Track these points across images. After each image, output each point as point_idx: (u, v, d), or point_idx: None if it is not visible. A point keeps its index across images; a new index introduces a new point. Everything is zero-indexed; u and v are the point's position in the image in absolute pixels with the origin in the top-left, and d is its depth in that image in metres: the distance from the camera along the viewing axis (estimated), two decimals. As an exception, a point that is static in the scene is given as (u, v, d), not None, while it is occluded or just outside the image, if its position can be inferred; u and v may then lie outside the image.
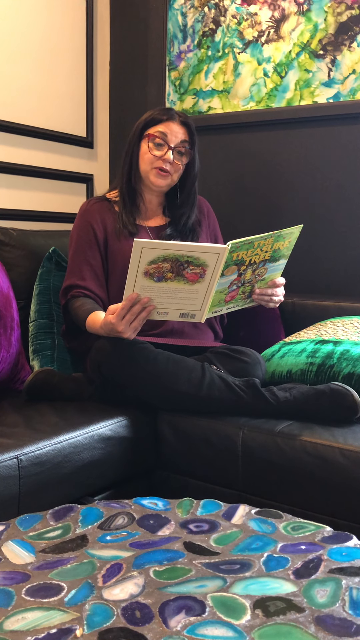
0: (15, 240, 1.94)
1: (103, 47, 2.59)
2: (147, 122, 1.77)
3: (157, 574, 0.82)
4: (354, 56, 2.06)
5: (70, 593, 0.78)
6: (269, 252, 1.52)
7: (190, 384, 1.52)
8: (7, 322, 1.65)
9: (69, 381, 1.68)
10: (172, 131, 1.74)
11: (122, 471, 1.53)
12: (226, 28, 2.32)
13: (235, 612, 0.73)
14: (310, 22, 2.13)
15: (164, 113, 1.76)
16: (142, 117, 1.80)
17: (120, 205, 1.82)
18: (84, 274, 1.75)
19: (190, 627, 0.70)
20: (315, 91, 2.14)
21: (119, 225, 1.78)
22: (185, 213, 1.84)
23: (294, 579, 0.81)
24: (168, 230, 1.83)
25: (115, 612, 0.73)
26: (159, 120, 1.75)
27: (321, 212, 2.18)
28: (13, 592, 0.78)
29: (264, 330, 1.95)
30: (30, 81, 2.26)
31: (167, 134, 1.74)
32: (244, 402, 1.51)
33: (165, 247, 1.36)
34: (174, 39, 2.45)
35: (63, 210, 2.44)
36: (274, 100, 2.24)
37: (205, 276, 1.43)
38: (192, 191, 1.85)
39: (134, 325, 1.47)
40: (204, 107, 2.41)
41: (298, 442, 1.38)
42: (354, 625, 0.71)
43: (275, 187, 2.26)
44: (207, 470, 1.52)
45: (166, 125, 1.75)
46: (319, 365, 1.60)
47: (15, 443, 1.30)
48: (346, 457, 1.31)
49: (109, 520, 0.99)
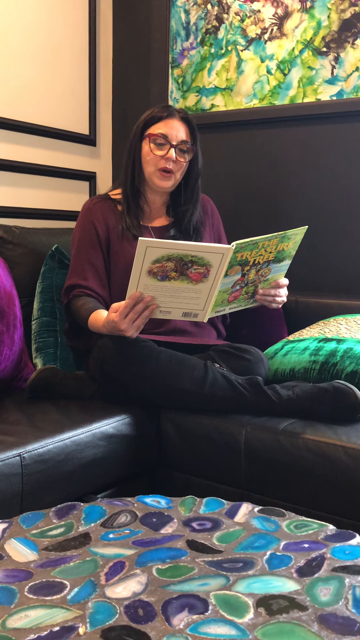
0: (18, 238, 1.94)
1: (106, 45, 2.59)
2: (147, 121, 1.76)
3: (160, 572, 0.82)
4: (357, 53, 2.06)
5: (73, 591, 0.78)
6: (273, 252, 1.52)
7: (193, 382, 1.52)
8: (10, 320, 1.65)
9: (72, 379, 1.68)
10: (172, 129, 1.73)
11: (124, 469, 1.53)
12: (229, 25, 2.31)
13: (238, 610, 0.73)
14: (314, 19, 2.13)
15: (164, 110, 1.75)
16: (141, 116, 1.79)
17: (123, 207, 1.81)
18: (86, 273, 1.75)
19: (193, 626, 0.70)
20: (319, 88, 2.14)
21: (122, 227, 1.78)
22: (189, 210, 1.84)
23: (297, 577, 0.81)
24: (172, 231, 1.82)
25: (118, 610, 0.73)
26: (159, 118, 1.74)
27: (324, 209, 2.17)
28: (16, 589, 0.78)
29: (266, 328, 1.94)
30: (33, 79, 2.26)
31: (168, 133, 1.73)
32: (247, 401, 1.51)
33: (169, 246, 1.36)
34: (176, 36, 2.44)
35: (66, 208, 2.43)
36: (277, 97, 2.23)
37: (209, 276, 1.42)
38: (196, 188, 1.85)
39: (137, 324, 1.47)
40: (207, 105, 2.40)
41: (301, 440, 1.38)
42: (357, 623, 0.71)
43: (279, 185, 2.26)
44: (210, 468, 1.52)
45: (166, 123, 1.74)
46: (322, 364, 1.60)
47: (18, 441, 1.30)
48: (349, 455, 1.31)
49: (112, 518, 0.99)
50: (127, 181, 1.80)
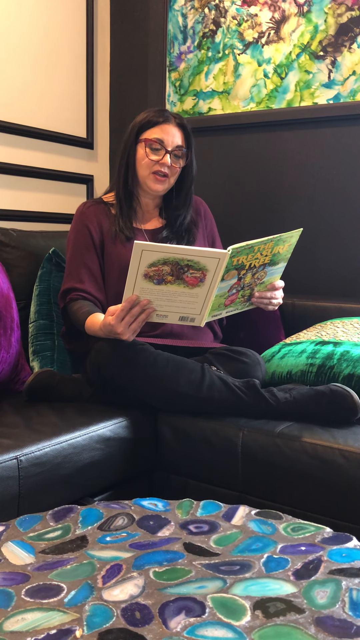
0: (15, 241, 1.94)
1: (103, 48, 2.60)
2: (142, 125, 1.75)
3: (157, 575, 0.82)
4: (354, 57, 2.06)
5: (70, 594, 0.78)
6: (269, 256, 1.52)
7: (190, 385, 1.52)
8: (7, 322, 1.65)
9: (69, 382, 1.68)
10: (168, 135, 1.73)
11: (122, 472, 1.53)
12: (226, 29, 2.32)
13: (235, 613, 0.73)
14: (311, 23, 2.13)
15: (159, 115, 1.75)
16: (136, 118, 1.78)
17: (117, 208, 1.81)
18: (82, 276, 1.74)
19: (190, 628, 0.70)
20: (316, 92, 2.15)
21: (115, 229, 1.78)
22: (182, 214, 1.84)
23: (294, 580, 0.81)
24: (164, 232, 1.83)
25: (115, 613, 0.73)
26: (155, 123, 1.74)
27: (321, 213, 2.18)
28: (13, 592, 0.78)
29: (263, 331, 1.95)
30: (30, 82, 2.26)
31: (164, 138, 1.73)
32: (244, 403, 1.51)
33: (165, 250, 1.36)
34: (174, 40, 2.45)
35: (63, 211, 2.44)
36: (274, 101, 2.24)
37: (205, 280, 1.42)
38: (189, 193, 1.85)
39: (133, 327, 1.47)
40: (204, 108, 2.41)
41: (298, 443, 1.38)
42: (354, 626, 0.71)
43: (275, 188, 2.26)
44: (207, 471, 1.52)
45: (162, 129, 1.74)
46: (319, 366, 1.60)
47: (15, 444, 1.30)
48: (346, 458, 1.31)
49: (109, 521, 0.99)
50: (121, 183, 1.80)
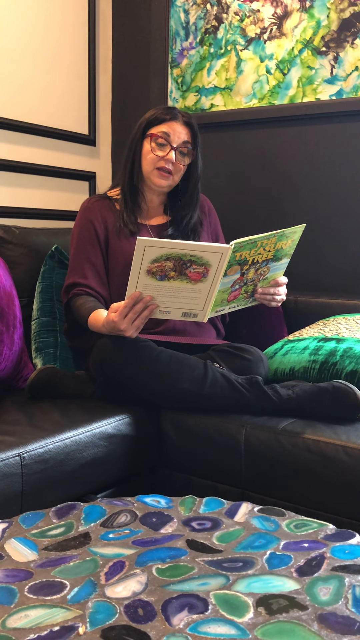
0: (17, 238, 1.94)
1: (105, 45, 2.59)
2: (150, 121, 1.76)
3: (160, 572, 0.82)
4: (356, 53, 2.06)
5: (73, 591, 0.78)
6: (272, 251, 1.52)
7: (192, 382, 1.52)
8: (10, 320, 1.65)
9: (72, 379, 1.68)
10: (175, 131, 1.74)
11: (124, 469, 1.53)
12: (228, 25, 2.31)
13: (238, 609, 0.73)
14: (313, 18, 2.13)
15: (167, 112, 1.75)
16: (145, 115, 1.79)
17: (121, 203, 1.81)
18: (86, 272, 1.75)
19: (193, 625, 0.70)
20: (318, 88, 2.14)
21: (120, 224, 1.78)
22: (188, 214, 1.84)
23: (296, 577, 0.81)
24: (169, 230, 1.82)
25: (118, 609, 0.73)
26: (162, 120, 1.74)
27: (324, 209, 2.17)
28: (16, 589, 0.78)
29: (266, 327, 1.94)
30: (32, 79, 2.26)
31: (170, 134, 1.73)
32: (247, 400, 1.51)
33: (168, 245, 1.36)
34: (176, 36, 2.44)
35: (65, 208, 2.43)
36: (276, 97, 2.23)
37: (208, 276, 1.42)
38: (195, 192, 1.85)
39: (136, 324, 1.47)
40: (206, 105, 2.40)
41: (301, 440, 1.38)
42: (357, 623, 0.71)
43: (278, 184, 2.26)
44: (210, 468, 1.52)
45: (169, 125, 1.74)
46: (322, 363, 1.60)
47: (18, 441, 1.30)
48: (349, 455, 1.31)
49: (112, 518, 0.99)
50: (126, 178, 1.80)
